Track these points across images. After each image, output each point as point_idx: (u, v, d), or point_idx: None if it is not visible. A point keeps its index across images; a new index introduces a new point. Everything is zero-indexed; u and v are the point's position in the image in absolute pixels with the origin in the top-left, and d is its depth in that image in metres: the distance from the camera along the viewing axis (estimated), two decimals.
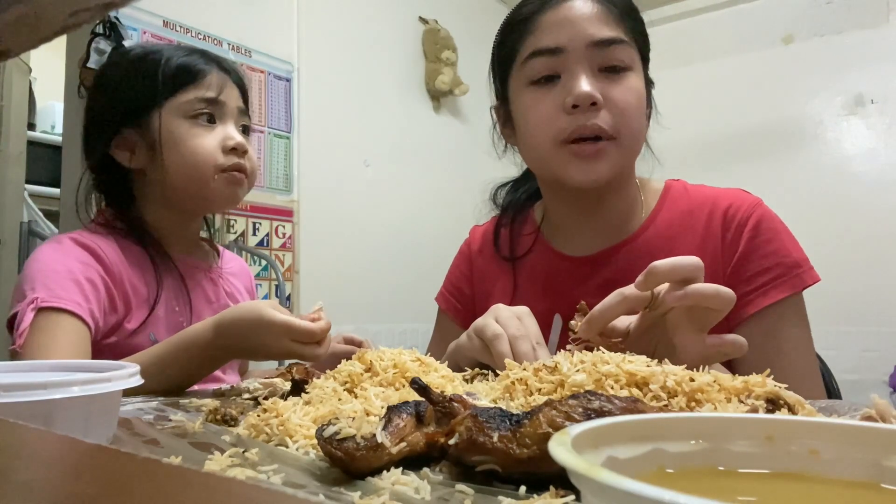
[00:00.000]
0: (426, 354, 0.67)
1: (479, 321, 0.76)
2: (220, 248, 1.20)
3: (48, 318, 0.85)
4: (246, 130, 1.09)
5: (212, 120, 1.02)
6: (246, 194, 1.10)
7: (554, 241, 0.99)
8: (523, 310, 0.76)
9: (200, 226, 1.17)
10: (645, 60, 0.91)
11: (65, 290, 0.87)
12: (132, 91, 1.02)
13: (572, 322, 0.70)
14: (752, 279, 0.85)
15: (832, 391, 1.19)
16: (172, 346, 0.83)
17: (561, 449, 0.21)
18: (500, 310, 0.76)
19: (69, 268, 0.90)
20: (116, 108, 1.03)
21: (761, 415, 0.35)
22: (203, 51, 1.07)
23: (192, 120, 1.01)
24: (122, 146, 1.02)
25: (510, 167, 1.10)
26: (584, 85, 0.82)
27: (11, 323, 0.88)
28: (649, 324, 0.67)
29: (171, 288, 1.02)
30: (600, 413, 0.36)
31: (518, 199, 1.07)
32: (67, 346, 0.84)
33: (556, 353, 0.78)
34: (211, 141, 1.01)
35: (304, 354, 0.80)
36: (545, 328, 0.83)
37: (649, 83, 0.93)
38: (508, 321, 0.73)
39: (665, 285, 0.65)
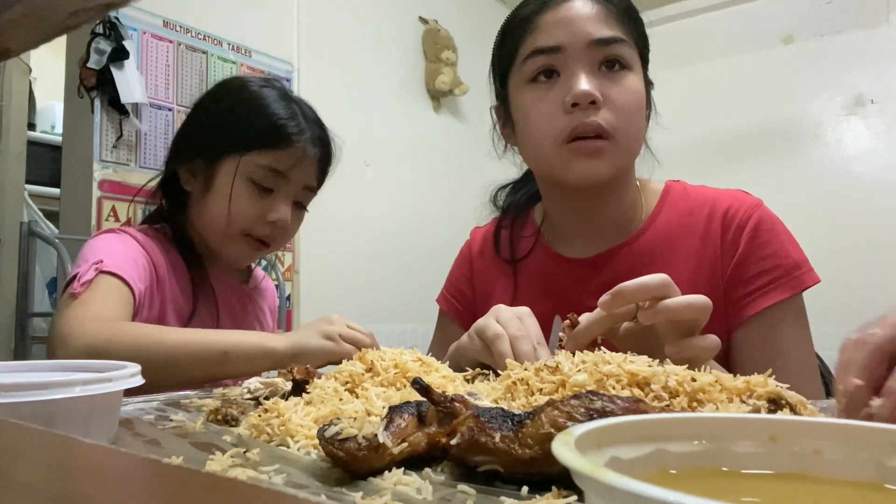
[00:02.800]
0: (427, 355, 0.67)
1: (480, 321, 0.76)
2: (254, 266, 1.23)
3: (106, 279, 0.91)
4: (302, 205, 1.09)
5: (270, 188, 1.02)
6: (261, 258, 1.15)
7: (554, 243, 0.99)
8: (524, 310, 0.76)
9: None
10: (644, 61, 0.91)
11: (125, 263, 0.94)
12: (220, 131, 1.04)
13: (560, 333, 0.71)
14: (752, 280, 0.85)
15: (832, 391, 1.19)
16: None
17: (565, 449, 0.20)
18: (501, 310, 0.76)
19: (127, 251, 0.97)
20: (200, 137, 1.06)
21: (764, 415, 0.35)
22: (304, 111, 1.06)
23: (251, 183, 1.01)
24: (187, 167, 1.06)
25: (510, 168, 1.09)
26: (584, 83, 0.82)
27: (66, 287, 0.93)
28: (639, 329, 0.68)
29: (204, 301, 1.06)
30: (602, 413, 0.35)
31: (518, 200, 1.07)
32: (117, 305, 0.88)
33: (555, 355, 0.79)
34: (256, 208, 1.02)
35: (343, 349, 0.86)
36: (545, 330, 0.84)
37: (648, 84, 0.93)
38: (509, 321, 0.73)
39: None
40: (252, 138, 1.01)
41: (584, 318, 0.69)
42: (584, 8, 0.86)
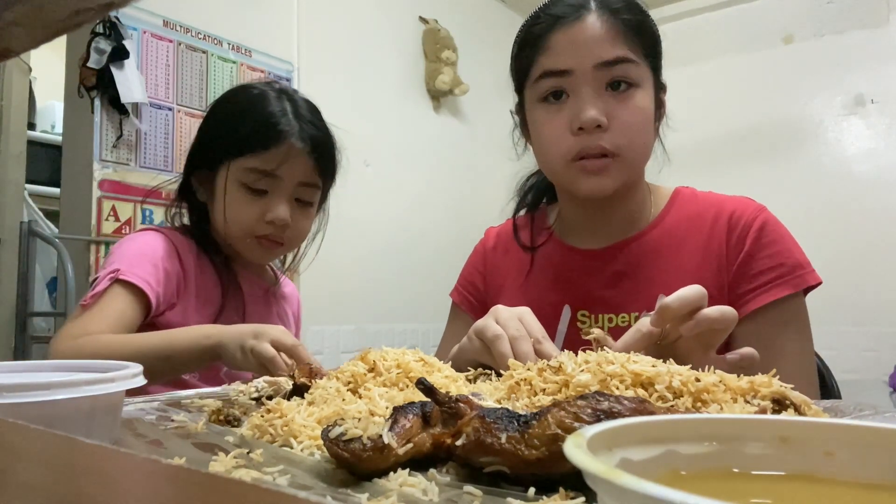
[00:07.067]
0: (437, 350, 0.67)
1: (479, 322, 0.76)
2: (279, 272, 1.25)
3: (116, 291, 0.95)
4: (307, 201, 1.09)
5: (263, 189, 1.03)
6: (280, 256, 1.18)
7: (565, 237, 1.02)
8: (524, 310, 0.76)
9: None
10: (657, 71, 0.92)
11: (143, 269, 0.97)
12: (213, 140, 1.06)
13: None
14: (756, 277, 0.87)
15: (832, 391, 1.20)
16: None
17: (578, 451, 0.20)
18: (499, 310, 0.76)
19: (153, 254, 1.01)
20: (201, 148, 1.09)
21: (775, 416, 0.35)
22: (297, 109, 1.07)
23: (244, 187, 1.03)
24: (196, 177, 1.09)
25: (512, 167, 1.11)
26: (590, 109, 0.85)
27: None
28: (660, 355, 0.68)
29: (233, 301, 1.08)
30: (609, 414, 0.35)
31: (543, 185, 1.09)
32: (111, 320, 0.92)
33: (563, 344, 0.79)
34: (253, 211, 1.03)
35: (273, 361, 0.80)
36: (555, 319, 0.84)
37: (661, 90, 0.95)
38: (508, 321, 0.73)
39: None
40: (238, 144, 1.03)
41: (622, 341, 0.68)
42: (592, 27, 0.87)
